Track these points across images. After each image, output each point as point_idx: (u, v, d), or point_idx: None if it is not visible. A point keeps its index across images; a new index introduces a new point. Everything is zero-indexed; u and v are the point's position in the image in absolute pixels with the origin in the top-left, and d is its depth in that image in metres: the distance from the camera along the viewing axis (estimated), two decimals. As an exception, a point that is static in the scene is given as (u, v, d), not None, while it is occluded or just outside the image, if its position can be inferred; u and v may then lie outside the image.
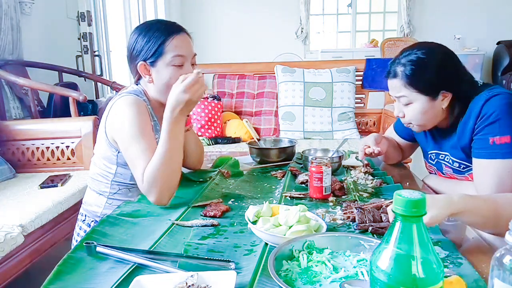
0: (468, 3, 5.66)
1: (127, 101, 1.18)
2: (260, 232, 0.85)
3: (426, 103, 1.19)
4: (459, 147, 1.22)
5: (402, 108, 1.24)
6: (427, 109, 1.19)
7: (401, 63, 1.19)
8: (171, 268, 0.74)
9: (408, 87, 1.18)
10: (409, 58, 1.18)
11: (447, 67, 1.17)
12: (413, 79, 1.17)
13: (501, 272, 0.49)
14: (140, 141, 1.12)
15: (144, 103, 1.21)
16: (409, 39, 5.34)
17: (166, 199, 1.09)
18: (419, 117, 1.21)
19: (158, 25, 1.22)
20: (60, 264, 0.76)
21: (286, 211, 0.90)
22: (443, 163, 1.30)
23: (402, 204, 0.48)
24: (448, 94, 1.17)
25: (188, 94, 1.06)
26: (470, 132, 1.16)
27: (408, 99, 1.20)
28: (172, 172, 1.09)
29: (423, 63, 1.16)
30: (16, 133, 2.23)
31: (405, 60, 1.19)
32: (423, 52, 1.17)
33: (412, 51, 1.19)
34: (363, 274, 0.69)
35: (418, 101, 1.19)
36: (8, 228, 1.44)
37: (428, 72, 1.16)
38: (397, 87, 1.21)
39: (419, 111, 1.20)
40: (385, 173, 1.38)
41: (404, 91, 1.20)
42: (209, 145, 2.72)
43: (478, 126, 1.14)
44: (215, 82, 3.14)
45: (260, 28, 5.89)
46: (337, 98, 2.90)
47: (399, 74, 1.19)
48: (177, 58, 1.19)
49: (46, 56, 3.01)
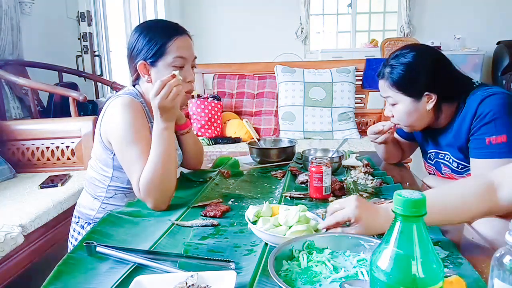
0: (468, 3, 5.66)
1: (122, 102, 1.16)
2: (260, 232, 0.85)
3: (410, 105, 1.22)
4: (456, 146, 1.22)
5: (391, 108, 1.28)
6: (411, 110, 1.23)
7: (388, 65, 1.24)
8: (171, 268, 0.74)
9: (392, 88, 1.23)
10: (396, 60, 1.23)
11: (432, 69, 1.20)
12: (396, 80, 1.21)
13: (501, 272, 0.49)
14: (135, 146, 1.11)
15: (139, 104, 1.19)
16: (409, 39, 5.34)
17: (163, 205, 1.08)
18: (405, 118, 1.25)
19: (161, 25, 1.21)
20: (60, 264, 0.76)
21: (286, 211, 0.90)
22: (442, 162, 1.30)
23: (402, 204, 0.48)
24: (432, 96, 1.19)
25: (158, 100, 1.04)
26: (466, 132, 1.17)
27: (394, 99, 1.25)
28: (167, 178, 1.07)
29: (408, 65, 1.20)
30: (16, 133, 2.23)
31: (392, 62, 1.23)
32: (411, 55, 1.21)
33: (400, 52, 1.23)
34: (363, 274, 0.69)
35: (402, 102, 1.23)
36: (8, 228, 1.44)
37: (410, 74, 1.19)
38: (383, 88, 1.27)
39: (404, 112, 1.24)
40: (385, 173, 1.38)
41: (389, 91, 1.24)
42: (209, 145, 2.72)
43: (474, 126, 1.14)
44: (215, 82, 3.14)
45: (260, 28, 5.89)
46: (337, 98, 2.90)
47: (385, 75, 1.24)
48: (178, 60, 1.18)
49: (46, 56, 3.01)
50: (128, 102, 1.16)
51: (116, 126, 1.15)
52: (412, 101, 1.22)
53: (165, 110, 1.06)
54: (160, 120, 1.08)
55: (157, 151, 1.07)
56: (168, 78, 1.05)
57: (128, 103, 1.16)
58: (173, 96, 1.05)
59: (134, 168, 1.10)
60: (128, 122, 1.13)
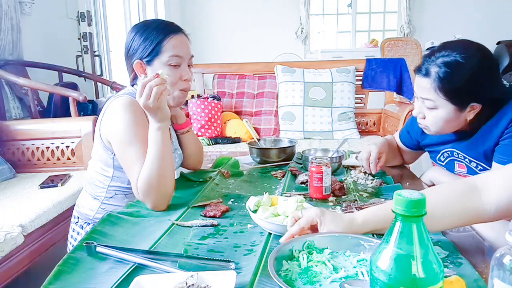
0: (468, 3, 5.66)
1: (123, 103, 1.16)
2: (260, 220, 0.90)
3: (452, 113, 1.11)
4: (481, 149, 1.16)
5: (424, 110, 1.16)
6: (451, 119, 1.12)
7: (436, 64, 1.09)
8: (171, 268, 0.74)
9: (438, 92, 1.09)
10: (446, 59, 1.08)
11: (483, 76, 1.09)
12: (446, 84, 1.08)
13: (501, 272, 0.49)
14: (134, 147, 1.11)
15: (139, 105, 1.20)
16: (409, 39, 5.33)
17: (163, 205, 1.08)
18: (440, 125, 1.15)
19: (156, 24, 1.21)
20: (60, 264, 0.76)
21: (284, 201, 0.95)
22: (459, 161, 1.25)
23: (402, 204, 0.48)
24: (477, 107, 1.10)
25: (141, 101, 1.04)
26: (498, 136, 1.11)
27: (434, 104, 1.12)
28: (163, 178, 1.07)
29: (460, 68, 1.07)
30: (16, 133, 2.23)
31: (442, 61, 1.09)
32: (463, 56, 1.07)
33: (451, 52, 1.09)
34: (363, 274, 0.69)
35: (444, 108, 1.11)
36: (8, 228, 1.44)
37: (462, 80, 1.07)
38: (425, 88, 1.12)
39: (443, 119, 1.13)
40: (385, 173, 1.38)
41: (432, 95, 1.11)
42: (209, 145, 2.72)
43: (508, 132, 1.09)
44: (215, 82, 3.14)
45: (260, 28, 5.89)
46: (337, 98, 2.90)
47: (432, 75, 1.09)
48: (174, 58, 1.18)
49: (46, 56, 3.01)
50: (128, 103, 1.16)
51: (116, 127, 1.14)
52: (455, 110, 1.10)
53: (152, 111, 1.06)
54: (152, 121, 1.08)
55: (152, 152, 1.07)
56: (150, 78, 1.04)
57: (128, 103, 1.16)
58: (156, 96, 1.03)
59: (133, 168, 1.10)
60: (128, 123, 1.13)
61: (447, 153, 1.30)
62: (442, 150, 1.31)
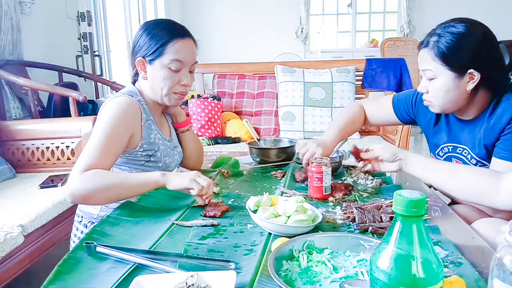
0: (468, 3, 5.66)
1: (117, 101, 1.16)
2: (260, 220, 0.89)
3: (451, 80, 1.13)
4: (482, 143, 1.17)
5: (427, 83, 1.19)
6: (450, 87, 1.14)
7: (436, 33, 1.15)
8: (171, 268, 0.74)
9: (436, 58, 1.13)
10: (446, 29, 1.13)
11: (482, 46, 1.12)
12: (443, 50, 1.12)
13: (501, 272, 0.49)
14: (103, 136, 1.10)
15: (135, 105, 1.19)
16: (409, 39, 5.34)
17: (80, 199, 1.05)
18: (441, 95, 1.16)
19: (165, 25, 1.21)
20: (60, 264, 0.76)
21: (284, 201, 0.94)
22: (457, 157, 1.26)
23: (402, 204, 0.48)
24: (475, 75, 1.11)
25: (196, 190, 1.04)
26: (500, 130, 1.12)
27: (434, 73, 1.15)
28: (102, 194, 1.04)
29: (458, 35, 1.11)
30: (16, 133, 2.23)
31: (441, 31, 1.14)
32: (463, 25, 1.12)
33: (450, 24, 1.14)
34: (363, 274, 0.70)
35: (443, 76, 1.14)
36: (8, 228, 1.44)
37: (461, 46, 1.11)
38: (424, 58, 1.16)
39: (442, 87, 1.15)
40: (385, 173, 1.38)
41: (430, 63, 1.15)
42: (209, 145, 2.72)
43: (510, 127, 1.10)
44: (215, 82, 3.14)
45: (260, 28, 5.89)
46: (337, 98, 2.90)
47: (431, 44, 1.15)
48: (175, 62, 1.18)
49: (46, 56, 3.01)
50: (122, 102, 1.16)
51: (101, 116, 1.15)
52: (453, 77, 1.13)
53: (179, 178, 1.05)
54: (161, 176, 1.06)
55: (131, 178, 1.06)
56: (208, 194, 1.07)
57: (123, 102, 1.16)
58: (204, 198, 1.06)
59: (89, 154, 1.07)
60: (112, 116, 1.13)
61: (447, 148, 1.30)
62: (442, 145, 1.32)
